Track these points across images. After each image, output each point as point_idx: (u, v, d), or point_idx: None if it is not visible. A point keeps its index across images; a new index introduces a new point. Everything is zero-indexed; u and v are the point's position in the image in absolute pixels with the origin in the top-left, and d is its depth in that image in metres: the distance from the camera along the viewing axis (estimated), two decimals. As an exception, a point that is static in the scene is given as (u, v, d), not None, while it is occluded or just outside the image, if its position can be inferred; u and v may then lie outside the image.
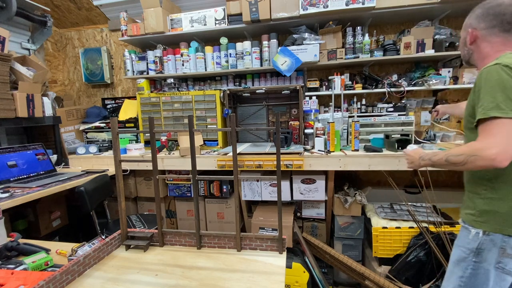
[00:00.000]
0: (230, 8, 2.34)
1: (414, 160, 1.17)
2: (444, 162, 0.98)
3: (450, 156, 0.96)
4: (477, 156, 0.87)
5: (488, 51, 1.02)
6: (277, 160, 0.97)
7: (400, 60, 2.37)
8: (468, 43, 1.06)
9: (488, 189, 1.00)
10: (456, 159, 0.93)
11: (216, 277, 0.87)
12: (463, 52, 1.10)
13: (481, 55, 1.04)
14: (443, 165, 1.01)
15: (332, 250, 2.06)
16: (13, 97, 2.02)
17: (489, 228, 0.97)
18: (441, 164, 1.02)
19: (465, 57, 1.10)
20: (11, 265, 1.00)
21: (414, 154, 1.17)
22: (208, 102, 2.44)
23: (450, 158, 0.95)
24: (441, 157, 0.99)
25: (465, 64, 1.15)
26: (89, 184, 1.88)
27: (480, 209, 1.01)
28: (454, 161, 0.94)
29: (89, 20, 3.09)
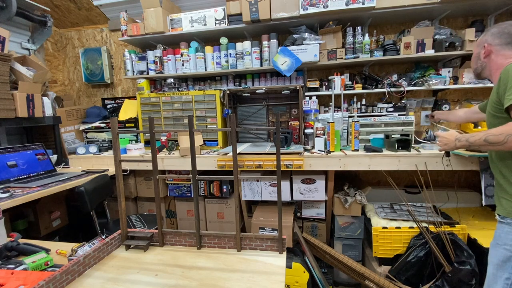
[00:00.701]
0: (230, 8, 2.34)
1: (449, 142, 1.21)
2: (483, 142, 1.02)
3: (489, 136, 0.99)
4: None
5: (502, 61, 1.13)
6: (277, 160, 0.97)
7: (400, 60, 2.37)
8: (482, 57, 1.18)
9: None
10: (496, 139, 0.97)
11: (216, 277, 0.87)
12: (476, 65, 1.21)
13: (495, 65, 1.15)
14: (482, 145, 1.04)
15: (332, 250, 2.05)
16: (13, 97, 2.02)
17: None
18: (479, 144, 1.05)
19: (477, 70, 1.21)
20: (11, 265, 1.00)
21: (449, 136, 1.22)
22: (208, 102, 2.44)
23: (490, 138, 0.99)
24: (480, 137, 1.03)
25: (475, 77, 1.27)
26: (89, 184, 1.88)
27: None
28: (494, 141, 0.98)
29: (89, 20, 3.09)
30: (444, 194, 2.30)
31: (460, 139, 1.15)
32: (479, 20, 2.24)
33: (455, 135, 1.20)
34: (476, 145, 1.07)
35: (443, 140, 1.25)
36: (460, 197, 2.29)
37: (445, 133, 1.27)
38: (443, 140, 1.26)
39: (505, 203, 1.08)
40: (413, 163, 1.85)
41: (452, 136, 1.21)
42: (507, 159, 1.11)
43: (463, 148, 1.17)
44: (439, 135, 1.30)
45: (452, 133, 1.23)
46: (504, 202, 1.09)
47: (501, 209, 1.11)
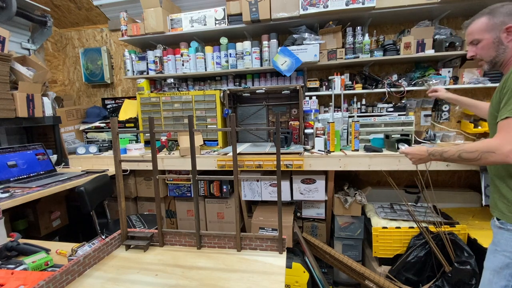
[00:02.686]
0: (230, 8, 2.34)
1: (422, 157, 1.17)
2: (457, 158, 0.99)
3: (463, 153, 0.97)
4: (492, 153, 0.89)
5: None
6: (277, 160, 0.97)
7: (400, 60, 2.37)
8: (505, 41, 1.02)
9: None
10: (469, 156, 0.95)
11: (216, 277, 0.87)
12: (496, 53, 1.05)
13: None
14: (456, 160, 1.02)
15: (332, 250, 2.05)
16: (13, 97, 2.02)
17: None
18: (453, 160, 1.03)
19: (498, 57, 1.05)
20: (11, 265, 1.00)
21: (420, 152, 1.17)
22: (208, 102, 2.44)
23: (463, 155, 0.97)
24: (454, 153, 1.01)
25: (487, 69, 1.11)
26: (89, 184, 1.88)
27: None
28: (468, 157, 0.96)
29: (89, 20, 3.09)
30: (444, 194, 2.30)
31: (434, 153, 1.11)
32: (479, 20, 2.24)
33: (425, 148, 1.15)
34: (450, 161, 1.05)
35: (415, 155, 1.20)
36: (460, 197, 2.29)
37: (413, 148, 1.22)
38: (415, 156, 1.20)
39: (502, 206, 1.04)
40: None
41: (422, 150, 1.16)
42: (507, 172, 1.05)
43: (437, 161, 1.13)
44: (407, 152, 1.23)
45: (421, 148, 1.17)
46: (501, 205, 1.04)
47: (498, 212, 1.06)
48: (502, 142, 0.89)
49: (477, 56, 1.10)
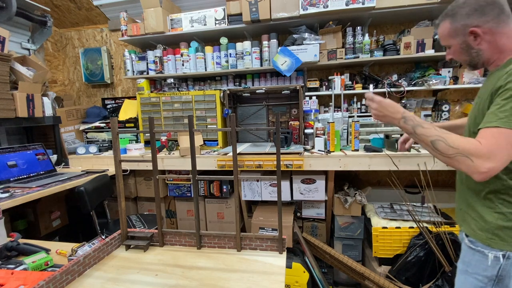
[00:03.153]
0: (230, 8, 2.34)
1: (390, 115, 0.92)
2: (429, 143, 0.82)
3: (440, 141, 0.80)
4: (468, 160, 0.75)
5: (505, 42, 0.88)
6: (277, 160, 0.97)
7: (400, 60, 2.37)
8: (475, 45, 0.90)
9: (506, 202, 0.86)
10: (445, 149, 0.79)
11: (216, 277, 0.87)
12: (469, 57, 0.93)
13: (497, 49, 0.89)
14: (426, 145, 0.84)
15: (332, 250, 2.05)
16: (13, 97, 2.02)
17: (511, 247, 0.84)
18: (424, 142, 0.84)
19: (473, 60, 0.94)
20: (11, 265, 1.00)
21: (393, 108, 0.92)
22: (208, 102, 2.44)
23: (439, 145, 0.80)
24: (428, 135, 0.83)
25: (470, 69, 1.00)
26: (89, 184, 1.88)
27: (497, 225, 0.86)
28: (442, 150, 0.79)
29: (89, 20, 3.09)
30: (444, 194, 2.30)
31: (407, 120, 0.88)
32: (479, 20, 2.23)
33: (401, 109, 0.91)
34: (420, 140, 0.86)
35: (384, 109, 0.93)
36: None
37: (386, 100, 0.93)
38: (383, 110, 0.93)
39: (474, 224, 0.92)
40: (413, 163, 1.85)
41: (397, 108, 0.91)
42: (477, 186, 0.93)
43: (404, 131, 0.90)
44: (377, 101, 0.95)
45: (396, 106, 0.92)
46: (474, 223, 0.93)
47: (468, 229, 0.95)
48: (486, 154, 0.73)
49: (454, 59, 1.02)
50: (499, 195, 0.87)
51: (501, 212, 0.86)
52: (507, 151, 0.73)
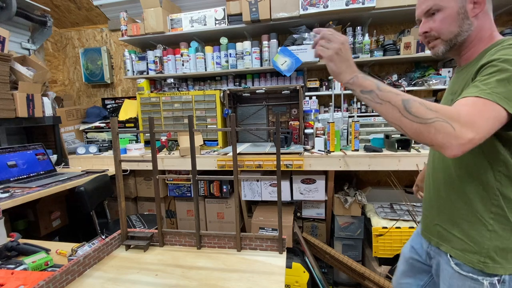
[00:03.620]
0: (230, 8, 2.34)
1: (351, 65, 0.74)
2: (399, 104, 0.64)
3: (415, 102, 0.63)
4: (449, 126, 0.59)
5: (489, 27, 0.76)
6: (277, 160, 0.97)
7: (400, 60, 2.37)
8: (471, 15, 0.74)
9: (498, 216, 0.73)
10: (421, 111, 0.62)
11: (216, 277, 0.87)
12: (460, 29, 0.75)
13: (481, 32, 0.76)
14: (391, 104, 0.65)
15: (332, 250, 2.06)
16: (13, 97, 2.02)
17: (508, 271, 0.72)
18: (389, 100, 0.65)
19: (461, 35, 0.76)
20: (11, 265, 1.00)
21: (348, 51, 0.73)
22: (208, 102, 2.44)
23: (414, 105, 0.63)
24: (398, 93, 0.66)
25: (442, 52, 0.81)
26: (89, 184, 1.88)
27: (490, 247, 0.74)
28: (417, 112, 0.62)
29: (89, 20, 3.09)
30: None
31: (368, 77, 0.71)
32: (479, 20, 2.23)
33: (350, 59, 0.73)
34: (382, 100, 0.66)
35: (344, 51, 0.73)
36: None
37: (342, 37, 0.73)
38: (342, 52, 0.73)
39: (457, 242, 0.79)
40: (413, 163, 1.85)
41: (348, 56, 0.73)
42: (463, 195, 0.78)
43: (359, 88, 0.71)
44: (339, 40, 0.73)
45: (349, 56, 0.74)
46: (456, 241, 0.80)
47: (451, 249, 0.81)
48: (468, 122, 0.60)
49: (432, 33, 0.79)
50: (490, 208, 0.74)
51: (494, 230, 0.73)
52: (488, 124, 0.61)
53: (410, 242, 1.08)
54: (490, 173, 0.73)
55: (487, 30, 0.76)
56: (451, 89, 0.86)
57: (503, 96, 0.61)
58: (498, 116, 0.61)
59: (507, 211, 0.72)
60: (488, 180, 0.74)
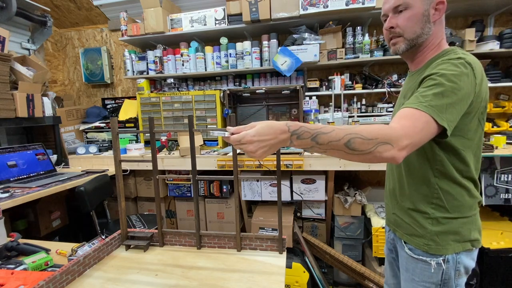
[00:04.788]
0: (230, 8, 2.34)
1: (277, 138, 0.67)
2: (342, 147, 0.65)
3: (355, 139, 0.64)
4: (388, 146, 0.65)
5: (441, 34, 0.84)
6: (277, 160, 0.97)
7: (400, 60, 2.36)
8: (432, 19, 0.81)
9: (438, 206, 0.85)
10: (363, 145, 0.64)
11: (216, 277, 0.87)
12: (421, 30, 0.81)
13: (434, 39, 0.83)
14: (336, 150, 0.66)
15: (332, 250, 2.05)
16: (13, 97, 2.02)
17: (450, 251, 0.83)
18: (332, 148, 0.66)
19: (421, 37, 0.82)
20: (11, 265, 1.00)
21: (273, 128, 0.67)
22: (208, 102, 2.44)
23: (355, 142, 0.64)
24: (338, 138, 0.65)
25: (402, 51, 0.86)
26: (89, 184, 1.88)
27: (434, 231, 0.85)
28: (359, 148, 0.64)
29: (89, 20, 3.09)
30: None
31: (300, 133, 0.66)
32: (479, 20, 2.24)
33: (282, 125, 0.67)
34: (325, 150, 0.67)
35: (261, 144, 0.67)
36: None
37: (259, 127, 0.69)
38: (261, 144, 0.67)
39: (407, 228, 0.91)
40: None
41: (275, 127, 0.67)
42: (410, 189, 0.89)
43: (301, 148, 0.71)
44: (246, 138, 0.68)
45: (275, 125, 0.68)
46: (406, 227, 0.92)
47: (403, 235, 0.93)
48: (403, 135, 0.66)
49: (397, 30, 0.83)
50: (431, 199, 0.85)
51: (435, 217, 0.85)
52: (421, 134, 0.69)
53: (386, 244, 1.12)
54: (430, 170, 0.84)
55: (438, 38, 0.84)
56: (403, 92, 0.97)
57: (437, 109, 0.70)
58: (430, 127, 0.70)
59: (445, 202, 0.84)
60: (429, 176, 0.85)
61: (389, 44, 0.90)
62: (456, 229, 0.84)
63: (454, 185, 0.83)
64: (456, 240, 0.84)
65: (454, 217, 0.84)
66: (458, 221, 0.84)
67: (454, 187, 0.83)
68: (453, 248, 0.83)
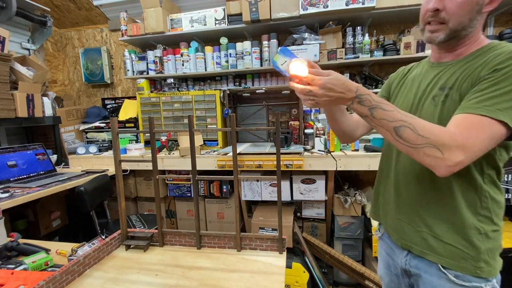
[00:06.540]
0: (230, 8, 2.34)
1: (343, 94, 0.67)
2: (391, 130, 0.65)
3: (406, 128, 0.63)
4: (438, 152, 0.60)
5: (481, 29, 0.74)
6: (277, 160, 0.97)
7: (400, 60, 2.36)
8: (484, 9, 0.69)
9: (486, 219, 0.71)
10: (411, 138, 0.62)
11: (216, 277, 0.87)
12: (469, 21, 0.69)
13: (478, 32, 0.73)
14: (385, 129, 0.67)
15: (332, 250, 2.05)
16: (13, 97, 2.02)
17: (497, 270, 0.71)
18: (382, 126, 0.67)
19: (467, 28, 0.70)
20: (11, 265, 1.00)
21: (345, 84, 0.67)
22: (208, 102, 2.44)
23: (405, 132, 0.63)
24: (391, 119, 0.65)
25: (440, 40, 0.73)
26: (89, 184, 1.88)
27: (484, 250, 0.70)
28: (407, 139, 0.63)
29: (89, 20, 3.09)
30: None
31: (363, 99, 0.67)
32: (479, 20, 2.23)
33: (353, 86, 0.68)
34: (376, 125, 0.68)
35: (328, 92, 0.67)
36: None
37: (333, 77, 0.68)
38: (328, 93, 0.67)
39: (448, 250, 0.72)
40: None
41: (346, 85, 0.67)
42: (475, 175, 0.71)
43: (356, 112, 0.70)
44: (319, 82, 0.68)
45: (346, 81, 0.68)
46: (447, 248, 0.73)
47: (440, 259, 0.73)
48: (461, 146, 0.59)
49: (441, 15, 0.70)
50: (479, 210, 0.71)
51: (485, 232, 0.70)
52: (482, 147, 0.60)
53: (382, 263, 0.99)
54: (480, 176, 0.71)
55: (480, 32, 0.75)
56: (436, 83, 0.77)
57: (508, 113, 0.60)
58: (497, 133, 0.61)
59: (492, 212, 0.71)
60: (479, 182, 0.71)
61: (424, 28, 0.77)
62: (500, 241, 0.72)
63: (496, 189, 0.72)
64: (500, 255, 0.72)
65: (498, 229, 0.71)
66: (500, 232, 0.72)
67: (496, 191, 0.72)
68: (499, 265, 0.71)
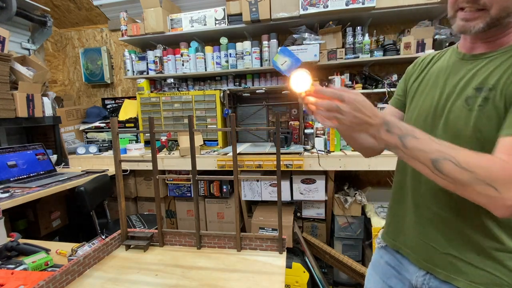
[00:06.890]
0: (230, 8, 2.34)
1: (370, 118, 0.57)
2: (428, 163, 0.54)
3: (446, 161, 0.52)
4: (491, 189, 0.49)
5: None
6: (277, 160, 0.97)
7: (400, 60, 2.36)
8: None
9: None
10: (455, 172, 0.52)
11: (216, 277, 0.87)
12: None
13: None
14: (420, 162, 0.56)
15: (332, 250, 2.05)
16: (13, 97, 2.02)
17: None
18: (417, 158, 0.56)
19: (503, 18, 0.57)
20: (11, 265, 1.00)
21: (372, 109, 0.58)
22: (208, 102, 2.44)
23: (446, 165, 0.52)
24: (428, 150, 0.54)
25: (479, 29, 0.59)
26: (89, 184, 1.88)
27: None
28: (449, 173, 0.52)
29: (89, 20, 3.09)
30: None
31: (392, 127, 0.57)
32: (479, 20, 2.23)
33: (379, 113, 0.58)
34: (409, 157, 0.57)
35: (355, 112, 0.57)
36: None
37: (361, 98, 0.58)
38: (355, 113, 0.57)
39: (480, 274, 0.63)
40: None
41: (373, 109, 0.57)
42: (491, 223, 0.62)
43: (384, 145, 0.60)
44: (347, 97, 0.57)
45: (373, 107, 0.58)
46: (478, 272, 0.63)
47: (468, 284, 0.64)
48: None
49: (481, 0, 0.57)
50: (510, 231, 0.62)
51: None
52: None
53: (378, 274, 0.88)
54: None
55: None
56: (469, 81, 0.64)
57: None
58: None
59: None
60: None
61: (460, 17, 0.62)
62: None
63: None
64: None
65: None
66: None
67: None
68: None
